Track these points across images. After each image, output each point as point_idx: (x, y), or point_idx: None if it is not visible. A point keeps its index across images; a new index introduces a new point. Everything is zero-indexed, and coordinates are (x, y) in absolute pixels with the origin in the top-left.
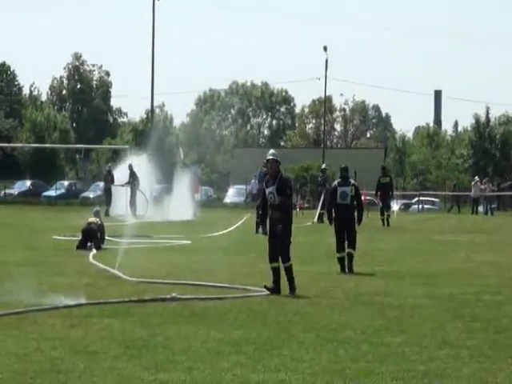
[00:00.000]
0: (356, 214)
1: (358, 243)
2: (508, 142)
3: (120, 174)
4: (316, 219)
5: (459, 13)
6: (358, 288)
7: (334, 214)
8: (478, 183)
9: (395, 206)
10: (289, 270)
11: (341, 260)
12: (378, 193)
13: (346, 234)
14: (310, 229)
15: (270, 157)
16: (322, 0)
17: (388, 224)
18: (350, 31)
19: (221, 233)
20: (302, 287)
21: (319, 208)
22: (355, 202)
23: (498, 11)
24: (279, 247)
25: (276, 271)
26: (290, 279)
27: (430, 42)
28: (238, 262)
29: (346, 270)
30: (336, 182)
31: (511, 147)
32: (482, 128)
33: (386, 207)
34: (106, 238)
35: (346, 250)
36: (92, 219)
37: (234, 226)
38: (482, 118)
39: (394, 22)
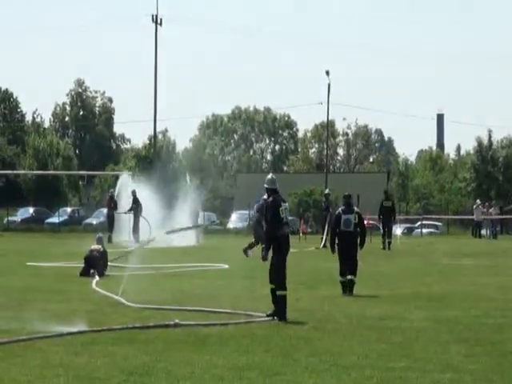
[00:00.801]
0: (359, 239)
1: (362, 267)
2: (511, 165)
3: (124, 200)
4: (322, 245)
5: (460, 37)
6: (361, 312)
7: (336, 241)
8: (480, 206)
9: (398, 230)
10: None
11: (343, 283)
12: (381, 216)
13: (348, 260)
14: (314, 254)
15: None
16: (323, 24)
17: (389, 248)
18: (353, 55)
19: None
20: (305, 312)
21: (325, 233)
22: (358, 229)
23: (500, 34)
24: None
25: (273, 292)
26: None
27: (432, 65)
28: (241, 286)
29: (348, 292)
30: (340, 210)
31: None
32: (484, 151)
33: (388, 231)
34: (109, 264)
35: (348, 277)
36: (95, 246)
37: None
38: (485, 141)
39: (396, 46)
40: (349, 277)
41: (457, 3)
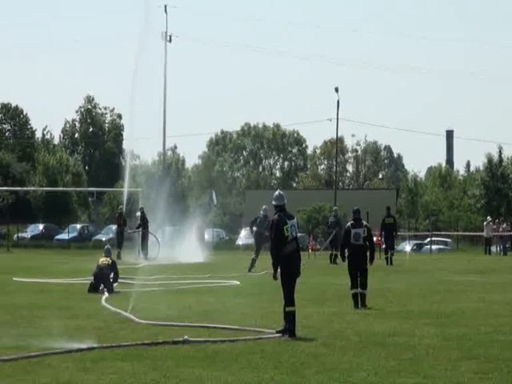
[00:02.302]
0: (368, 253)
1: (371, 283)
2: None
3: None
4: (328, 260)
5: (469, 53)
6: (370, 328)
7: (347, 253)
8: (491, 223)
9: (407, 246)
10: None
11: (355, 296)
12: (383, 233)
13: (359, 273)
14: (322, 270)
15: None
16: (333, 41)
17: (391, 263)
18: (361, 72)
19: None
20: (314, 328)
21: (329, 249)
22: (367, 243)
23: (509, 51)
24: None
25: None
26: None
27: (442, 82)
28: (250, 303)
29: (360, 306)
30: (349, 224)
31: None
32: (494, 168)
33: (390, 247)
34: (119, 280)
35: (359, 290)
36: (103, 259)
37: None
38: (495, 158)
39: (405, 62)
40: (360, 290)
41: (467, 20)
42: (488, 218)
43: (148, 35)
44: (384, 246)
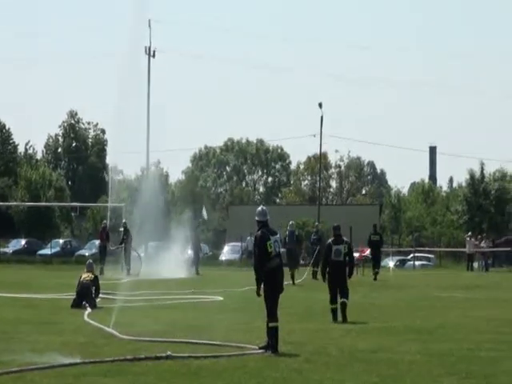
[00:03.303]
0: (347, 269)
1: (356, 299)
2: (503, 198)
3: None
4: (311, 276)
5: (452, 69)
6: (353, 344)
7: (327, 270)
8: (472, 239)
9: (390, 262)
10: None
11: (334, 311)
12: (369, 250)
13: (339, 288)
14: (305, 286)
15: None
16: (316, 56)
17: (375, 278)
18: (345, 87)
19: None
20: (298, 344)
21: (311, 265)
22: (347, 259)
23: (491, 68)
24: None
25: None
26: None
27: (425, 98)
28: (233, 319)
29: (339, 319)
30: (330, 240)
31: (506, 203)
32: (476, 184)
33: (377, 263)
34: (101, 296)
35: (340, 300)
36: (85, 275)
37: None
38: (477, 174)
39: (388, 77)
40: (341, 300)
41: (447, 36)
42: (469, 233)
43: (133, 51)
44: (372, 262)
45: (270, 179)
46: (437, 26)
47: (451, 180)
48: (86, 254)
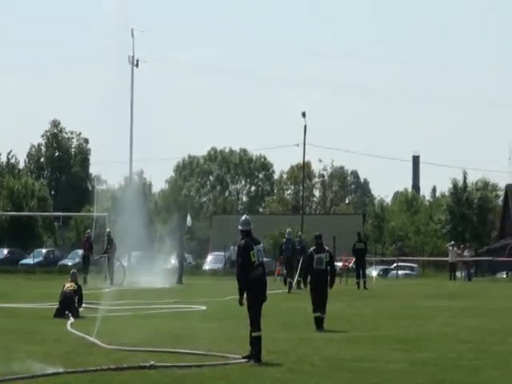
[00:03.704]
0: (329, 278)
1: (339, 308)
2: (485, 207)
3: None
4: (295, 285)
5: (435, 79)
6: (337, 353)
7: (309, 278)
8: (455, 248)
9: (374, 271)
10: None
11: (317, 319)
12: (353, 260)
13: (319, 296)
14: (289, 295)
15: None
16: (299, 65)
17: (365, 287)
18: (328, 97)
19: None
20: (281, 353)
21: (297, 275)
22: (328, 267)
23: (474, 78)
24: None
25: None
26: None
27: (408, 107)
28: (217, 328)
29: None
30: (312, 249)
31: (488, 212)
32: (459, 193)
33: (363, 272)
34: (84, 305)
35: (318, 314)
36: (68, 284)
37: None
38: (460, 183)
39: (371, 87)
40: (317, 314)
41: (432, 45)
42: (451, 242)
43: (116, 60)
44: (356, 272)
45: (253, 188)
46: (419, 36)
47: (434, 189)
48: (69, 264)
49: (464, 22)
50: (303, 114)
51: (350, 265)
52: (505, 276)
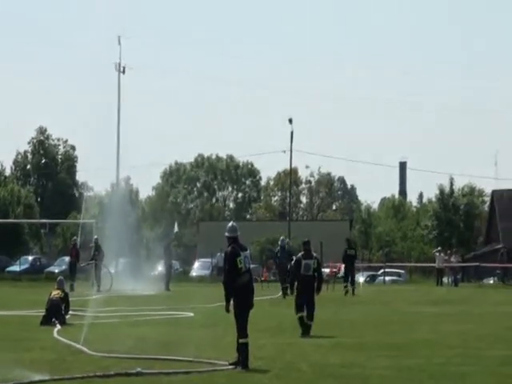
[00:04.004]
0: (316, 284)
1: (326, 314)
2: (471, 213)
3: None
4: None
5: (421, 85)
6: (324, 360)
7: (296, 284)
8: (442, 254)
9: (361, 278)
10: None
11: (301, 318)
12: (343, 267)
13: (306, 303)
14: (276, 301)
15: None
16: (285, 72)
17: (354, 293)
18: (315, 103)
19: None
20: (268, 359)
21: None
22: (316, 274)
23: (461, 84)
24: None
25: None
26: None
27: (394, 113)
28: (204, 335)
29: (305, 334)
30: (300, 255)
31: (475, 218)
32: (446, 199)
33: (352, 278)
34: (71, 312)
35: (306, 322)
36: (55, 292)
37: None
38: (447, 189)
39: (358, 93)
40: (307, 322)
41: (417, 52)
42: (438, 248)
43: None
44: (344, 277)
45: (240, 195)
46: (406, 43)
47: (421, 195)
48: (56, 271)
49: (449, 30)
50: (290, 121)
51: (340, 274)
52: (491, 282)
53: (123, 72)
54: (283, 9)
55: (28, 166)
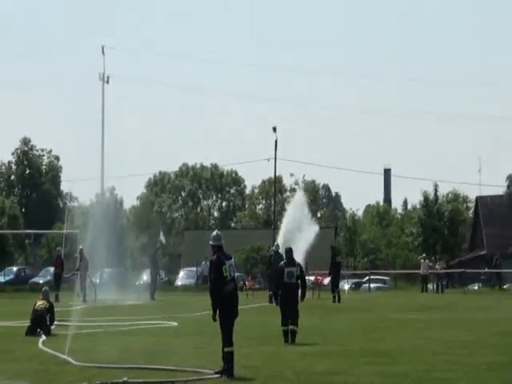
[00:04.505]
0: (300, 291)
1: (312, 321)
2: (456, 220)
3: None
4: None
5: (405, 91)
6: (309, 367)
7: (279, 292)
8: (427, 260)
9: (346, 285)
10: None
11: (285, 332)
12: (330, 272)
13: (290, 310)
14: (262, 309)
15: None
16: (270, 80)
17: (339, 301)
18: (299, 111)
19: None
20: (254, 368)
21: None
22: (299, 281)
23: (444, 92)
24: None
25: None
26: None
27: (379, 120)
28: (189, 343)
29: (290, 341)
30: (283, 263)
31: (459, 224)
32: (430, 205)
33: (337, 285)
34: (56, 322)
35: (290, 327)
36: (40, 302)
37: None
38: (431, 196)
39: (341, 100)
40: (291, 327)
41: (400, 59)
42: (423, 255)
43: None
44: (330, 285)
45: (224, 204)
46: (389, 51)
47: (406, 202)
48: (41, 282)
49: (431, 37)
50: (274, 129)
51: (326, 281)
52: (476, 287)
53: (107, 82)
54: (266, 18)
55: (12, 177)
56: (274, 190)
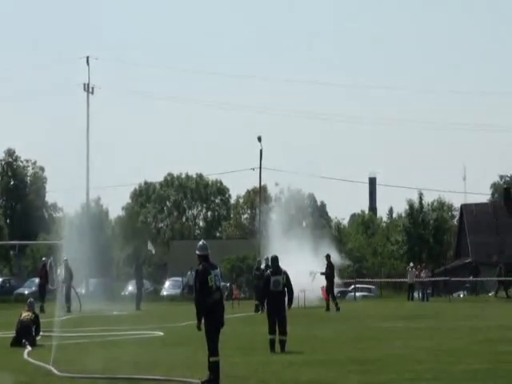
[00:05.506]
0: (286, 298)
1: (299, 330)
2: (441, 228)
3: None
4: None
5: (391, 101)
6: (295, 377)
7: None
8: (414, 269)
9: None
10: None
11: (272, 342)
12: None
13: (278, 319)
14: (248, 319)
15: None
16: (254, 89)
17: (328, 308)
18: (283, 120)
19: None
20: (240, 378)
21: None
22: (285, 289)
23: (431, 98)
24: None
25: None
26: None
27: (364, 129)
28: (175, 353)
29: (280, 350)
30: (269, 271)
31: (444, 232)
32: (415, 214)
33: (333, 292)
34: (41, 333)
35: (279, 337)
36: (25, 313)
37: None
38: (416, 204)
39: (327, 110)
40: (280, 337)
41: (386, 68)
42: (411, 264)
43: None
44: (332, 294)
45: (209, 213)
46: (373, 60)
47: (391, 210)
48: (26, 293)
49: (417, 46)
50: (259, 139)
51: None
52: (461, 295)
53: (92, 92)
54: (251, 27)
55: None
56: (260, 199)
